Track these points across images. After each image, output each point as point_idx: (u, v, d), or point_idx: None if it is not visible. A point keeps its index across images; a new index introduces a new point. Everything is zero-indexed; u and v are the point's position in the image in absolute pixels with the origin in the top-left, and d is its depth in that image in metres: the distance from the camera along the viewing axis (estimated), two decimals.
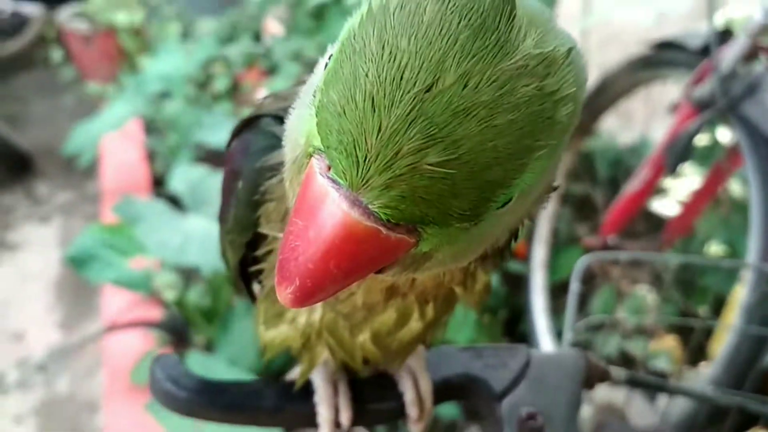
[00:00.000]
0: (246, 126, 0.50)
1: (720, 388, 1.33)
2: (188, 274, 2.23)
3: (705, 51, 1.65)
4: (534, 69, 0.29)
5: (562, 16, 2.38)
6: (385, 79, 0.29)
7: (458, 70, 0.29)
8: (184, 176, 2.06)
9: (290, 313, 0.52)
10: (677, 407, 1.47)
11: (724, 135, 1.89)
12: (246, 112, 2.35)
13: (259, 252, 0.49)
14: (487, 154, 0.29)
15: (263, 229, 0.47)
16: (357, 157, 0.30)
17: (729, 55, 1.57)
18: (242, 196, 0.47)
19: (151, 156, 3.06)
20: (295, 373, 0.60)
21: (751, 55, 1.59)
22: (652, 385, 0.67)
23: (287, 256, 0.33)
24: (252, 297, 0.58)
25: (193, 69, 2.52)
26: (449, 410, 1.88)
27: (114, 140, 2.96)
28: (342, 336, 0.51)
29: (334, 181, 0.32)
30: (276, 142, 0.44)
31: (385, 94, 0.29)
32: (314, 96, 0.35)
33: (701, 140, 1.90)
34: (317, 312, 0.50)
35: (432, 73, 0.29)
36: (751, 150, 1.52)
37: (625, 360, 1.91)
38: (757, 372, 1.38)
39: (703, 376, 1.59)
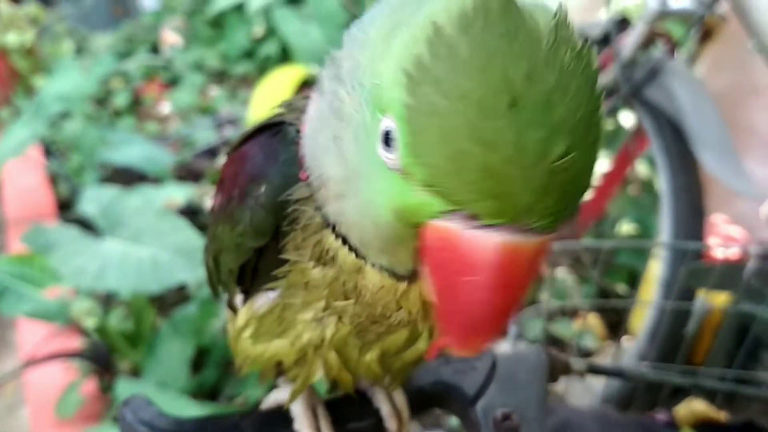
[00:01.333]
0: (265, 129, 0.48)
1: (667, 367, 1.39)
2: (106, 300, 2.16)
3: (605, 40, 1.71)
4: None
5: None
6: (525, 146, 0.29)
7: (574, 135, 0.30)
8: (95, 198, 1.99)
9: (294, 330, 0.50)
10: (614, 384, 1.52)
11: (628, 119, 1.97)
12: (151, 127, 2.28)
13: (278, 272, 0.47)
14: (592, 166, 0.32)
15: (290, 255, 0.45)
16: (514, 203, 0.30)
17: (628, 42, 1.63)
18: (264, 202, 0.45)
19: (53, 179, 2.94)
20: (270, 401, 0.59)
21: (648, 41, 1.66)
22: (611, 372, 0.69)
23: (475, 312, 0.33)
24: (231, 307, 0.56)
25: (92, 86, 2.44)
26: None
27: (14, 166, 2.83)
28: (350, 355, 0.50)
29: (485, 226, 0.31)
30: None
31: (528, 159, 0.29)
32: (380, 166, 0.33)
33: (607, 125, 1.97)
34: (329, 329, 0.48)
35: (565, 141, 0.29)
36: (656, 132, 1.59)
37: (552, 341, 1.97)
38: (684, 343, 1.45)
39: (629, 351, 1.66)
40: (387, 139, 0.32)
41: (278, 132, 0.46)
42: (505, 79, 0.29)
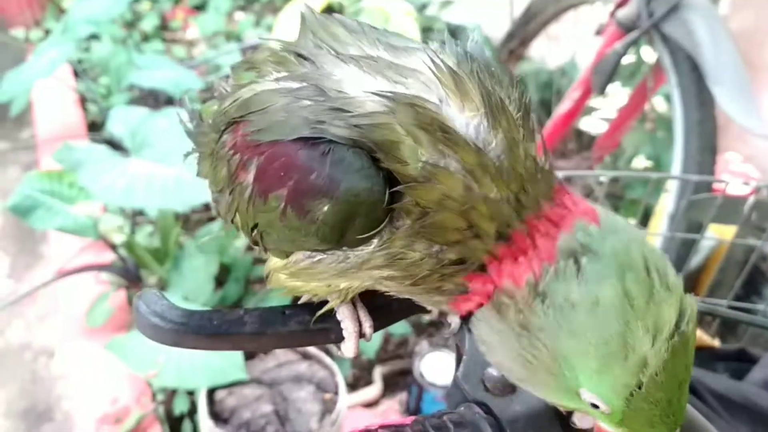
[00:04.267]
0: (311, 142, 0.46)
1: None
2: (134, 217, 2.24)
3: None
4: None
5: None
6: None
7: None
8: (123, 118, 2.05)
9: (334, 279, 0.53)
10: None
11: (648, 54, 1.97)
12: (179, 51, 2.31)
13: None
14: None
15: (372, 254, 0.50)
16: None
17: None
18: (330, 219, 0.46)
19: (83, 100, 3.00)
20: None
21: None
22: None
23: None
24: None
25: (120, 9, 2.46)
26: (400, 328, 1.97)
27: (45, 87, 2.89)
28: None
29: None
30: (372, 177, 0.45)
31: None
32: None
33: (627, 59, 1.98)
34: (369, 282, 0.53)
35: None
36: (674, 67, 1.60)
37: None
38: (686, 274, 1.49)
39: None
40: (593, 404, 0.45)
41: (328, 150, 0.46)
42: (671, 401, 0.44)
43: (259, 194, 0.50)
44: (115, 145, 2.11)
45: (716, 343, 1.26)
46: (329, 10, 2.32)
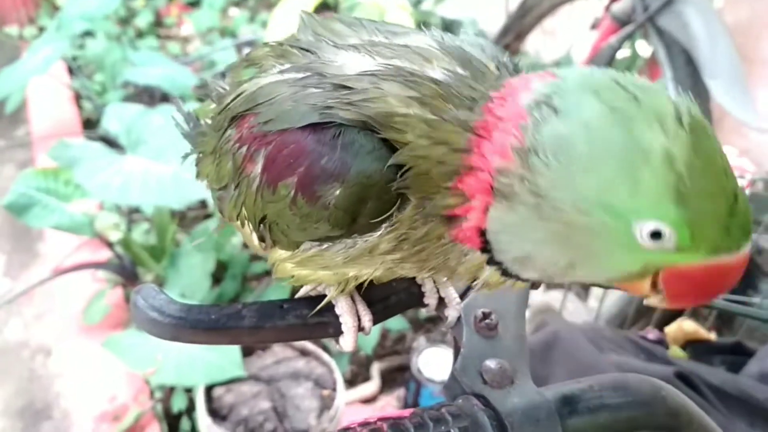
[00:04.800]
0: (321, 126, 0.47)
1: None
2: (130, 215, 2.24)
3: None
4: None
5: None
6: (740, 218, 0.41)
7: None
8: (118, 115, 2.05)
9: (342, 268, 0.53)
10: (608, 304, 1.58)
11: (644, 48, 1.97)
12: (173, 47, 2.30)
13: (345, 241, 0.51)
14: None
15: (380, 238, 0.49)
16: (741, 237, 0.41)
17: None
18: (342, 203, 0.47)
19: (78, 98, 2.99)
20: (302, 292, 0.63)
21: None
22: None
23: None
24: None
25: (114, 5, 2.46)
26: (398, 324, 1.98)
27: (39, 84, 2.88)
28: (392, 275, 0.55)
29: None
30: (379, 157, 0.46)
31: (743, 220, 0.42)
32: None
33: (622, 53, 1.98)
34: (378, 271, 0.53)
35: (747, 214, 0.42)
36: (669, 61, 1.60)
37: None
38: None
39: None
40: (653, 234, 0.41)
41: (338, 133, 0.46)
42: (726, 187, 0.40)
43: (267, 184, 0.51)
44: (110, 142, 2.10)
45: (712, 336, 1.27)
46: (324, 6, 2.32)
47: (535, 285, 0.67)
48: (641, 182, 0.39)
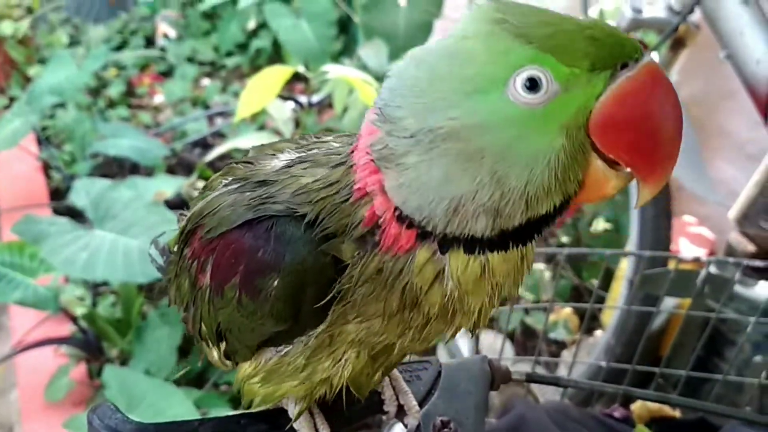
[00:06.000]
0: (255, 222, 0.49)
1: (610, 364, 1.44)
2: (96, 288, 2.22)
3: None
4: None
5: (448, 16, 2.48)
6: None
7: None
8: (86, 189, 2.04)
9: (307, 372, 0.52)
10: (575, 376, 1.59)
11: None
12: (144, 117, 2.31)
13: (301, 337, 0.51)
14: None
15: (343, 315, 0.48)
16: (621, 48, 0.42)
17: None
18: (282, 294, 0.47)
19: (46, 167, 2.99)
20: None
21: None
22: (547, 381, 0.75)
23: (660, 136, 0.42)
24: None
25: (85, 79, 2.48)
26: None
27: (6, 154, 2.87)
28: (359, 376, 0.54)
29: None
30: (310, 241, 0.47)
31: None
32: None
33: None
34: (347, 369, 0.52)
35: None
36: None
37: (528, 332, 2.03)
38: (649, 335, 1.51)
39: (598, 343, 1.72)
40: (529, 86, 0.40)
41: (271, 226, 0.48)
42: (562, 19, 0.42)
43: (216, 290, 0.52)
44: (77, 214, 2.10)
45: (677, 413, 1.28)
46: (296, 77, 2.35)
47: (493, 385, 0.67)
48: (484, 51, 0.41)
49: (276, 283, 0.47)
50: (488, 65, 0.41)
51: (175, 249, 0.61)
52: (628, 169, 0.43)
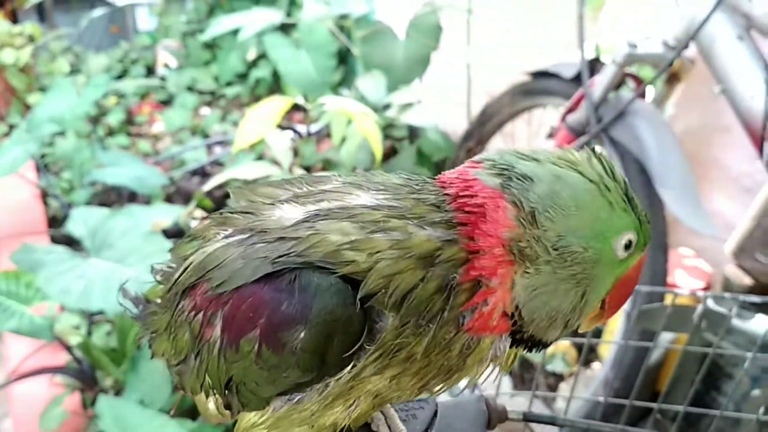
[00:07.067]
0: (275, 274, 0.48)
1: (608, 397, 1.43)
2: (91, 316, 2.21)
3: (578, 79, 1.78)
4: None
5: (446, 49, 2.50)
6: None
7: None
8: (83, 218, 2.04)
9: (317, 417, 0.52)
10: (573, 411, 1.58)
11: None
12: (144, 145, 2.32)
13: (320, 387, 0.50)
14: None
15: (380, 374, 0.49)
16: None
17: (600, 83, 1.71)
18: (309, 345, 0.47)
19: (44, 195, 2.99)
20: None
21: (619, 82, 1.73)
22: (544, 420, 0.75)
23: (623, 300, 0.54)
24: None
25: (86, 108, 2.49)
26: None
27: (4, 182, 2.88)
28: (359, 417, 0.54)
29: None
30: (343, 293, 0.46)
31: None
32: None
33: None
34: (357, 411, 0.52)
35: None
36: (623, 169, 1.65)
37: (525, 364, 2.02)
38: (647, 369, 1.51)
39: (596, 377, 1.72)
40: (626, 246, 0.50)
41: (294, 278, 0.47)
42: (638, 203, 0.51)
43: (229, 343, 0.50)
44: (74, 242, 2.09)
45: None
46: (295, 107, 2.36)
47: (490, 425, 0.67)
48: (611, 210, 0.48)
49: (303, 335, 0.46)
50: (613, 218, 0.48)
51: (160, 301, 0.60)
52: None
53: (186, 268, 0.54)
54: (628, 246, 0.49)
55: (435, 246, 0.46)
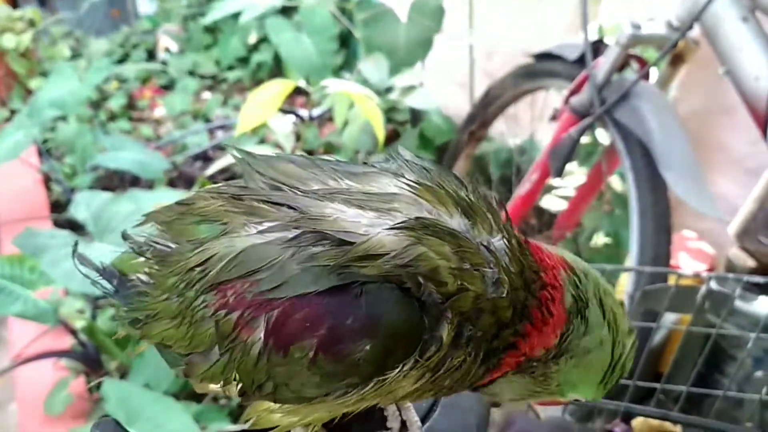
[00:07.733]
0: (340, 288, 0.46)
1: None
2: (96, 300, 2.21)
3: (581, 60, 1.78)
4: None
5: (448, 31, 2.49)
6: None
7: None
8: (86, 202, 2.05)
9: (340, 408, 0.52)
10: None
11: (603, 136, 2.03)
12: (145, 130, 2.31)
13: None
14: None
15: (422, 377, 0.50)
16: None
17: (603, 64, 1.70)
18: (373, 358, 0.46)
19: (47, 180, 3.00)
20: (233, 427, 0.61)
21: (623, 63, 1.72)
22: None
23: None
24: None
25: (87, 93, 2.49)
26: None
27: (7, 167, 2.88)
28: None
29: None
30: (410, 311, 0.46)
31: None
32: None
33: (584, 140, 2.03)
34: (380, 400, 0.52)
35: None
36: (627, 151, 1.65)
37: None
38: (649, 351, 1.51)
39: None
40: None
41: (360, 292, 0.45)
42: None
43: (276, 348, 0.48)
44: (78, 227, 2.10)
45: (677, 429, 1.28)
46: (297, 91, 2.36)
47: (495, 402, 0.68)
48: (605, 381, 0.53)
49: (368, 347, 0.45)
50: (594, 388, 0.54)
51: (151, 280, 0.55)
52: None
53: (208, 260, 0.50)
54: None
55: (508, 314, 0.49)
